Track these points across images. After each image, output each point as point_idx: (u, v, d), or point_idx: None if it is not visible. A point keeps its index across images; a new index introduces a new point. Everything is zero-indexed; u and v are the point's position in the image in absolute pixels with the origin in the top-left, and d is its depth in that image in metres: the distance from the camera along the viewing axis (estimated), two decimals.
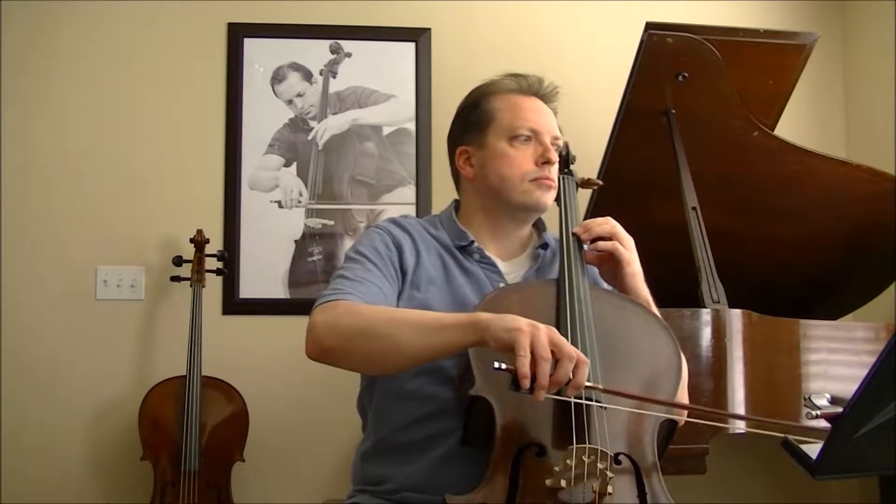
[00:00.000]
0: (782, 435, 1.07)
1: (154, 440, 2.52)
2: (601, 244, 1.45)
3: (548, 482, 1.15)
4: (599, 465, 1.15)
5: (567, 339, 1.29)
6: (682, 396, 1.45)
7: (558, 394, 1.14)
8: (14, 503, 2.60)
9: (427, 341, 1.24)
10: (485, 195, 1.54)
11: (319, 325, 1.31)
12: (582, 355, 1.14)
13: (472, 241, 1.53)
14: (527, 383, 1.09)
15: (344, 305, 1.33)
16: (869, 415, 0.98)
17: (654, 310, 1.47)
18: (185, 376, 2.53)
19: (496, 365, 1.11)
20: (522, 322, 1.14)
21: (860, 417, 0.98)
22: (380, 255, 1.46)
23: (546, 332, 1.13)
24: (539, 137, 1.51)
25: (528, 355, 1.10)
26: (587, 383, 1.14)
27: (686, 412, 1.37)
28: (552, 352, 1.12)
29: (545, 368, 1.10)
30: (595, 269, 1.53)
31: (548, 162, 1.50)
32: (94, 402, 2.72)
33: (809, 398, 1.99)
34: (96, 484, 2.70)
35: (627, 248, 1.46)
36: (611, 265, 1.47)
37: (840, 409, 1.00)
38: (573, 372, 1.13)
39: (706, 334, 1.93)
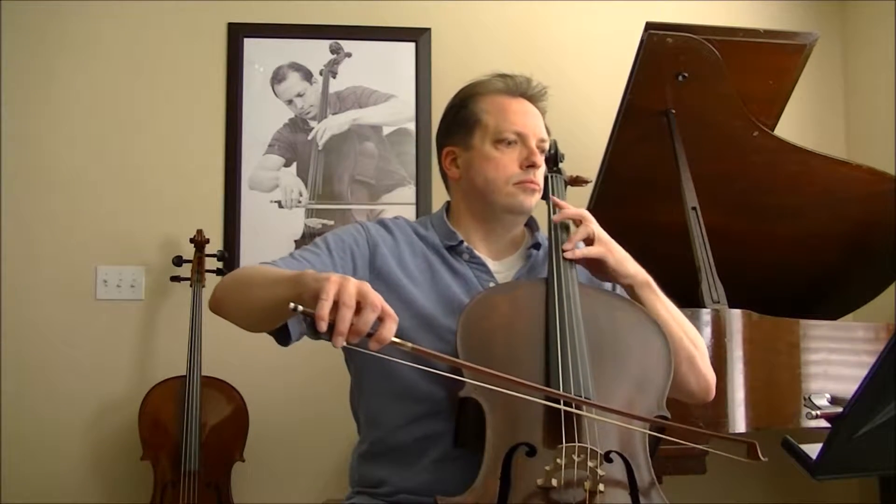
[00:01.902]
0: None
1: (154, 440, 2.52)
2: (578, 253, 1.44)
3: (539, 482, 1.15)
4: (590, 464, 1.15)
5: (556, 337, 1.30)
6: (706, 369, 1.47)
7: (364, 347, 1.12)
8: (14, 503, 2.60)
9: (267, 294, 1.25)
10: (470, 196, 1.54)
11: (221, 280, 1.41)
12: (390, 310, 1.11)
13: (462, 241, 1.52)
14: (323, 326, 1.07)
15: (251, 265, 1.38)
16: (869, 415, 0.98)
17: (656, 289, 1.46)
18: (185, 376, 2.53)
19: (292, 306, 1.09)
20: (335, 274, 1.13)
21: (860, 417, 0.98)
22: (340, 246, 1.47)
23: (356, 284, 1.11)
24: (525, 141, 1.50)
25: (330, 300, 1.08)
26: (395, 339, 1.11)
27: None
28: (358, 302, 1.10)
29: (344, 314, 1.08)
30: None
31: (532, 165, 1.49)
32: (94, 402, 2.72)
33: (809, 398, 1.99)
34: (96, 484, 2.70)
35: (603, 243, 1.44)
36: (596, 264, 1.46)
37: (840, 409, 1.00)
38: (379, 326, 1.10)
39: (706, 334, 1.93)
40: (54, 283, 2.75)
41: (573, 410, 1.21)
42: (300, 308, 1.08)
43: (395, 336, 1.11)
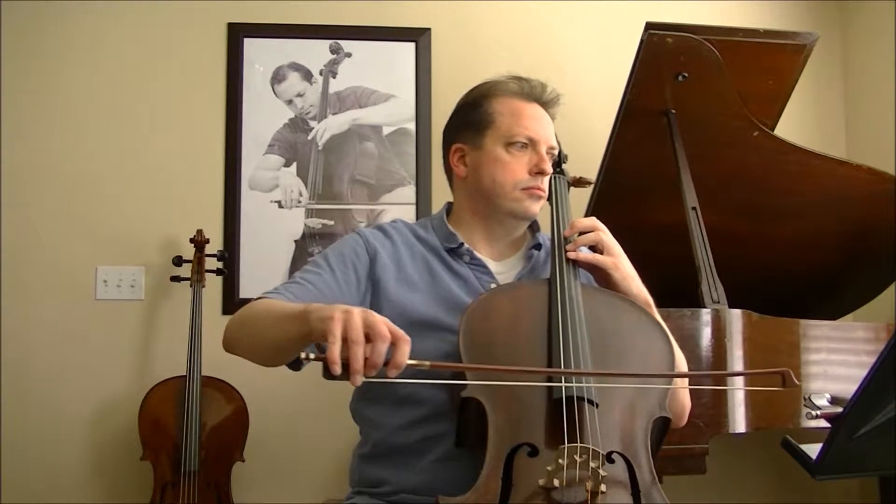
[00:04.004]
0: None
1: (154, 440, 2.52)
2: (582, 256, 1.44)
3: (541, 482, 1.15)
4: (592, 464, 1.14)
5: (559, 338, 1.30)
6: (684, 397, 1.46)
7: (382, 376, 1.11)
8: (14, 503, 2.60)
9: (275, 333, 1.25)
10: (475, 196, 1.54)
11: (231, 319, 1.38)
12: (400, 333, 1.11)
13: (462, 244, 1.52)
14: (336, 369, 1.07)
15: (258, 301, 1.36)
16: (869, 415, 0.98)
17: (654, 311, 1.46)
18: (185, 376, 2.53)
19: (303, 355, 1.09)
20: (336, 310, 1.12)
21: (860, 417, 0.98)
22: (341, 261, 1.46)
23: (360, 315, 1.10)
24: (536, 147, 1.50)
25: (338, 341, 1.08)
26: (410, 362, 1.11)
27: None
28: (367, 335, 1.09)
29: (356, 352, 1.07)
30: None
31: (541, 172, 1.49)
32: (94, 403, 2.72)
33: (809, 398, 1.99)
34: (96, 484, 2.70)
35: (613, 255, 1.44)
36: (600, 273, 1.46)
37: (840, 409, 1.00)
38: (392, 352, 1.10)
39: (706, 334, 1.93)
40: (54, 283, 2.75)
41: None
42: (311, 356, 1.09)
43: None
